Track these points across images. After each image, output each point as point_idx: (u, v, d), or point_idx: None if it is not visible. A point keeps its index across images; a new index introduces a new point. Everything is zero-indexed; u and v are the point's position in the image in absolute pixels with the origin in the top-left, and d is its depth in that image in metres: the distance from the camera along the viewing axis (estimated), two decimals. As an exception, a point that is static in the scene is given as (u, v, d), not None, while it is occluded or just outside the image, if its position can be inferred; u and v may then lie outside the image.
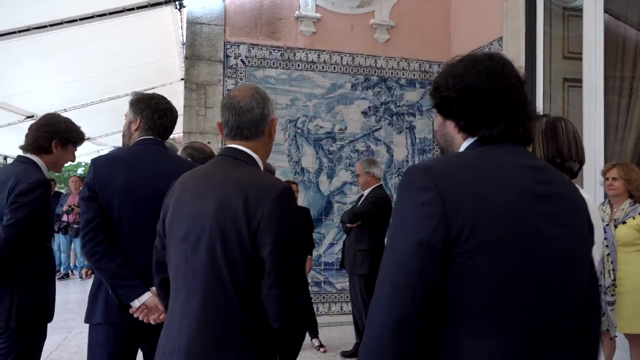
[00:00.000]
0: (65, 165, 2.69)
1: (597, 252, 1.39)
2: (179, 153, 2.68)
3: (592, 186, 3.81)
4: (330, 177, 5.72)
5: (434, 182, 0.94)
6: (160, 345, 1.42)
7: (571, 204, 1.03)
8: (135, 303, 1.86)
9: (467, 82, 1.02)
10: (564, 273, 0.98)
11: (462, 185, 0.95)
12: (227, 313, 1.31)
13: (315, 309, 4.50)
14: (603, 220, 3.18)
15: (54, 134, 2.28)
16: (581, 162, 1.65)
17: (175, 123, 2.16)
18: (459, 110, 1.04)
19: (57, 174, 3.37)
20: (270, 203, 1.32)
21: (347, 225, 4.31)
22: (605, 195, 3.49)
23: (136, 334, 1.96)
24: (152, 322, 1.88)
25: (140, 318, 1.87)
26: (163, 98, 2.15)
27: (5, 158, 9.59)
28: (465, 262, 0.92)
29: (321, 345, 4.52)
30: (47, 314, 2.26)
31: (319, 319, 4.78)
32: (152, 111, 2.06)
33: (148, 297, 1.87)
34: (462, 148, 1.07)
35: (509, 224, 0.93)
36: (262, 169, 1.50)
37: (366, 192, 4.36)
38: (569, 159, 1.61)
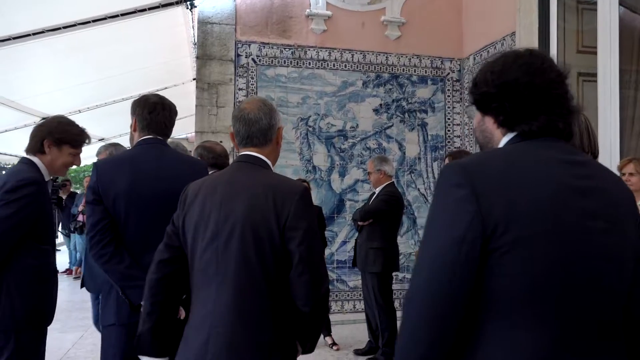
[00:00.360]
0: (81, 165, 2.69)
1: None
2: (192, 154, 2.70)
3: (607, 182, 3.74)
4: (342, 175, 5.71)
5: (468, 179, 0.95)
6: (187, 336, 1.51)
7: (614, 199, 1.02)
8: None
9: (506, 77, 1.03)
10: (603, 268, 0.97)
11: (496, 181, 0.95)
12: (258, 303, 1.47)
13: (328, 307, 4.50)
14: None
15: (46, 134, 2.24)
16: (594, 155, 1.62)
17: (172, 118, 2.13)
18: (499, 106, 1.05)
19: (62, 176, 3.30)
20: (296, 202, 1.51)
21: (359, 223, 4.30)
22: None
23: None
24: None
25: None
26: (156, 95, 2.14)
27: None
28: (501, 257, 0.92)
29: (334, 344, 4.52)
30: (43, 317, 2.17)
31: (332, 317, 4.78)
32: (141, 108, 2.07)
33: None
34: (502, 144, 1.08)
35: (546, 218, 0.93)
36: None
37: (378, 190, 4.34)
38: (580, 151, 1.58)
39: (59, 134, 2.25)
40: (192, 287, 1.55)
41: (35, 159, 2.24)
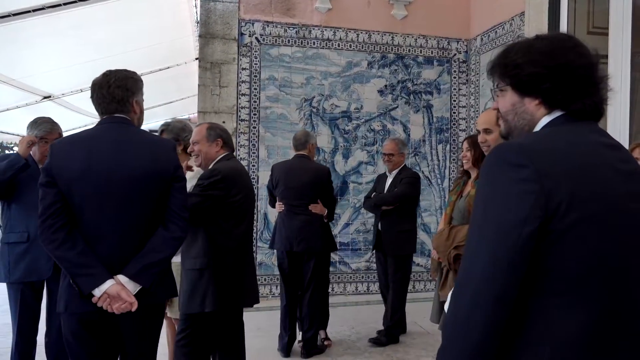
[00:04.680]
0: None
1: None
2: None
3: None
4: (346, 157, 5.67)
5: (530, 158, 0.96)
6: (278, 234, 3.95)
7: None
8: (97, 292, 1.77)
9: (560, 59, 1.06)
10: None
11: (559, 161, 0.97)
12: (315, 221, 3.91)
13: (330, 289, 4.49)
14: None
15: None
16: None
17: (114, 92, 1.91)
18: (552, 87, 1.07)
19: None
20: (328, 176, 4.04)
21: (383, 208, 4.22)
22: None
23: (103, 320, 1.87)
24: (115, 311, 1.78)
25: (104, 307, 1.78)
26: (103, 73, 1.98)
27: (23, 138, 9.65)
28: (560, 238, 0.94)
29: (327, 339, 4.34)
30: None
31: (334, 299, 4.77)
32: (91, 92, 1.98)
33: (110, 285, 1.77)
34: (542, 124, 1.09)
35: (602, 201, 0.96)
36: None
37: (394, 173, 4.28)
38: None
39: None
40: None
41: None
